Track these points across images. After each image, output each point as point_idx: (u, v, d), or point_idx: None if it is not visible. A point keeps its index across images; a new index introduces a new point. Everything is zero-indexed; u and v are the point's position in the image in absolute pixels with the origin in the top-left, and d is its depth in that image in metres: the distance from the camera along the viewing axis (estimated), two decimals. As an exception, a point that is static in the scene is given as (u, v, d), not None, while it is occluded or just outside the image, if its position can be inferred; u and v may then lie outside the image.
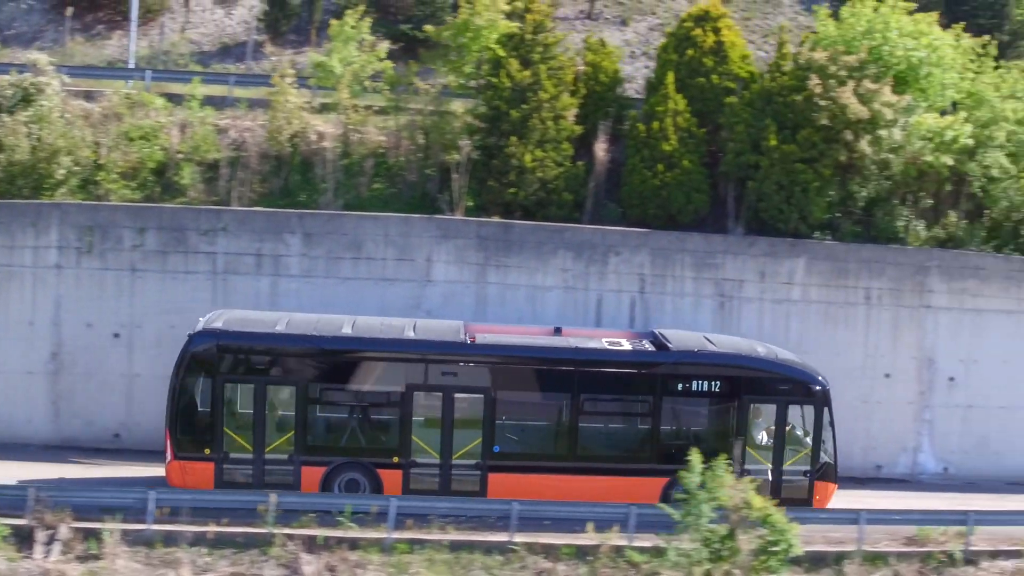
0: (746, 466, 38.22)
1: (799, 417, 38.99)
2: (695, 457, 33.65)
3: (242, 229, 43.84)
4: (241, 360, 36.89)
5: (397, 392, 36.94)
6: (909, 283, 45.46)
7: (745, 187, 44.93)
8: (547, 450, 38.11)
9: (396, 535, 35.48)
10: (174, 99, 48.93)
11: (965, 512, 38.46)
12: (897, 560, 36.87)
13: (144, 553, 34.43)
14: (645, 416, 38.02)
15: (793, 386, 38.59)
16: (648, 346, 38.97)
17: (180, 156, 46.38)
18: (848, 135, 44.33)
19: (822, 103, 44.40)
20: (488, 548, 35.67)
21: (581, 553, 35.63)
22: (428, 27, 48.76)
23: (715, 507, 33.14)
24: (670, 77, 45.67)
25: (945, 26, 50.12)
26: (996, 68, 49.09)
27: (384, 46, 49.33)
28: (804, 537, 35.00)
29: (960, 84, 47.80)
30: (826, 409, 38.57)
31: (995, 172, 46.61)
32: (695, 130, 44.98)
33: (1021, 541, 37.92)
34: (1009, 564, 37.38)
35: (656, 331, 40.61)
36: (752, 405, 38.38)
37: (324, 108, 48.19)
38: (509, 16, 46.33)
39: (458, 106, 47.07)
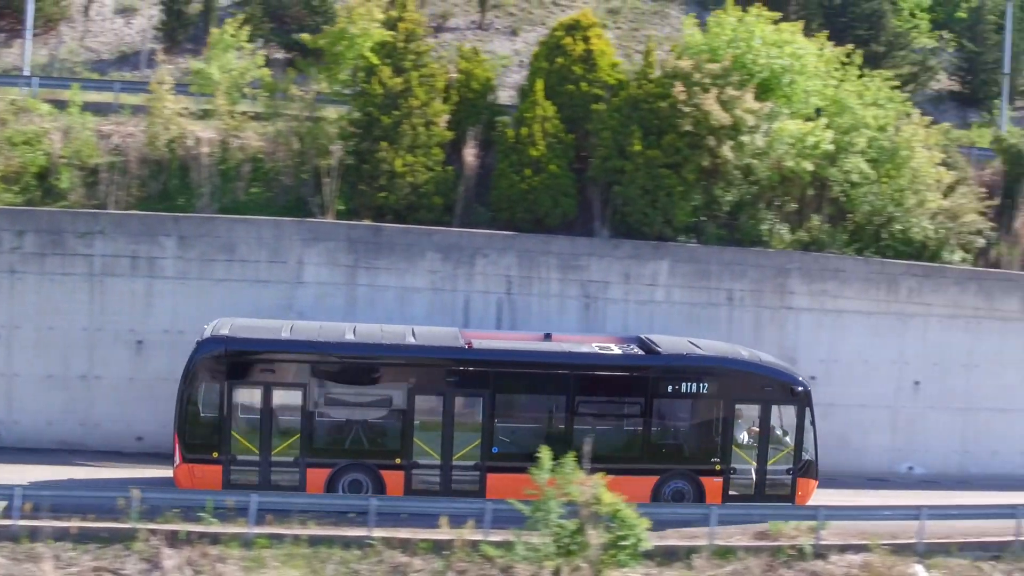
0: (732, 464, 38.88)
1: (782, 417, 39.59)
2: (544, 453, 34.01)
3: (118, 232, 43.97)
4: (249, 365, 37.18)
5: (399, 396, 37.39)
6: (770, 285, 46.01)
7: (612, 191, 45.03)
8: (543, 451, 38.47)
9: (256, 530, 35.47)
10: (61, 105, 48.87)
11: (815, 507, 38.89)
12: (747, 554, 37.14)
13: (9, 548, 34.34)
14: (637, 417, 38.74)
15: (777, 387, 39.49)
16: (637, 350, 39.57)
17: (62, 161, 46.29)
18: (711, 141, 44.73)
19: (686, 109, 44.82)
20: (347, 543, 35.76)
21: (437, 547, 35.78)
22: (304, 35, 48.90)
23: (565, 503, 33.48)
24: (539, 84, 46.07)
25: (827, 38, 50.72)
26: (860, 76, 49.60)
27: (262, 54, 50.01)
28: (658, 532, 35.52)
29: (824, 91, 48.29)
30: (808, 409, 39.29)
31: (855, 177, 47.15)
32: (563, 136, 45.31)
33: (870, 535, 38.28)
34: (857, 558, 37.72)
35: (642, 336, 41.25)
36: (738, 405, 39.05)
37: (206, 114, 48.10)
38: (386, 25, 46.26)
39: (333, 112, 47.17)
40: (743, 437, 39.91)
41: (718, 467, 39.25)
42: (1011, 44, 59.35)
